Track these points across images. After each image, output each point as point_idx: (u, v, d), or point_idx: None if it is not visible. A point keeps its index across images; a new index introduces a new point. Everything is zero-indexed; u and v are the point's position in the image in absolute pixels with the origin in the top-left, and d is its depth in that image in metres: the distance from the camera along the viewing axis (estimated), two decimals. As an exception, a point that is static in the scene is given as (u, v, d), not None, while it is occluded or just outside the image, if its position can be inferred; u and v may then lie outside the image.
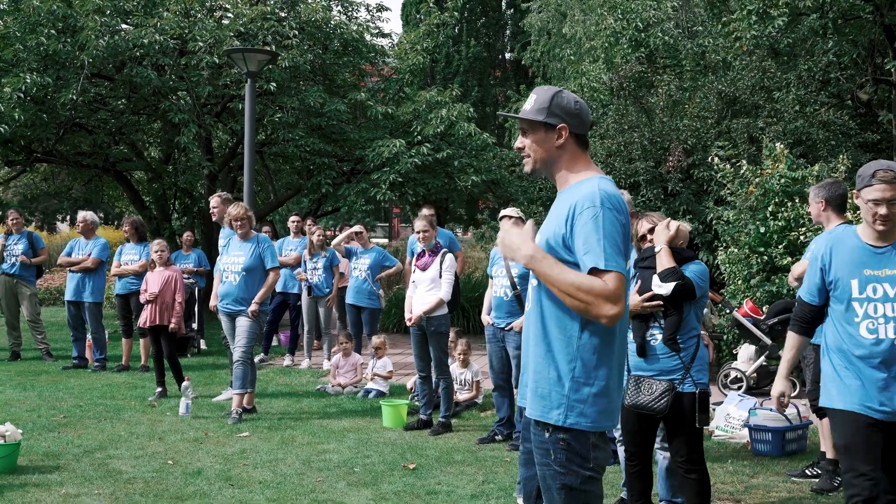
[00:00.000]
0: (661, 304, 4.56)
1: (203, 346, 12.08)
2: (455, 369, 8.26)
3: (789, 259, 8.68)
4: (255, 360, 8.49)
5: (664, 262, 4.61)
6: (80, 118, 13.68)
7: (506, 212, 6.98)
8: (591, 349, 2.86)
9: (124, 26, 13.36)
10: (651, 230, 4.87)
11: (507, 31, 34.88)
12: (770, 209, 9.09)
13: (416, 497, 5.46)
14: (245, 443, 6.85)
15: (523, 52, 29.90)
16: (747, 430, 6.74)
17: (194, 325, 11.72)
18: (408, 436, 7.21)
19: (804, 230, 8.67)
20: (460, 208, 18.96)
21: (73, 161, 15.32)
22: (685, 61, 14.78)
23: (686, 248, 4.80)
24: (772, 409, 6.58)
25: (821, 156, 11.25)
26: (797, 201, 8.91)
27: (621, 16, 15.64)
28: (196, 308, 11.71)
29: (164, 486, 5.62)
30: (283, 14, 13.96)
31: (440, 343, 7.39)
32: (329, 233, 17.36)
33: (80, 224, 10.66)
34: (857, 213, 8.02)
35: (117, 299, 10.54)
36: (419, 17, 26.38)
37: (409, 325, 7.46)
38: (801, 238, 8.68)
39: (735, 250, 9.45)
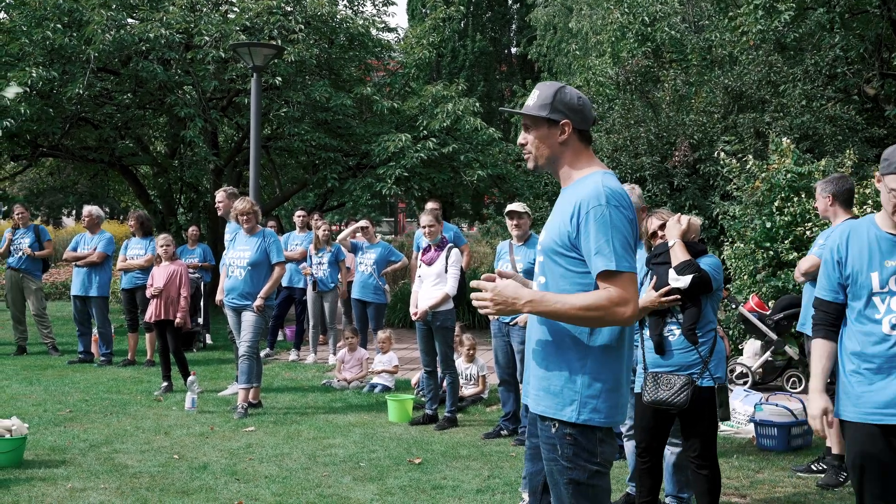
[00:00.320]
0: (679, 298, 4.53)
1: (209, 340, 12.11)
2: (460, 364, 8.26)
3: (795, 254, 8.65)
4: (261, 354, 8.50)
5: (679, 255, 4.58)
6: (86, 112, 13.72)
7: (511, 207, 6.94)
8: (602, 345, 2.86)
9: (130, 20, 13.38)
10: (662, 227, 4.83)
11: (513, 26, 34.87)
12: (776, 204, 9.07)
13: (421, 492, 5.46)
14: (251, 437, 6.86)
15: (529, 46, 29.88)
16: (753, 425, 6.73)
17: (200, 320, 11.72)
18: (413, 430, 7.21)
19: (810, 225, 8.66)
20: (466, 203, 18.95)
21: (79, 155, 15.35)
22: (691, 56, 14.74)
23: (698, 242, 4.78)
24: (783, 406, 6.58)
25: (827, 151, 11.22)
26: (803, 196, 8.89)
27: (628, 10, 15.61)
28: (202, 303, 11.71)
29: (169, 481, 5.63)
30: (289, 8, 13.96)
31: (446, 338, 7.37)
32: (335, 227, 17.37)
33: (86, 219, 10.65)
34: (864, 208, 8.03)
35: (123, 294, 10.57)
36: (425, 11, 26.38)
37: (414, 319, 7.44)
38: (808, 233, 8.66)
39: (741, 245, 9.43)
